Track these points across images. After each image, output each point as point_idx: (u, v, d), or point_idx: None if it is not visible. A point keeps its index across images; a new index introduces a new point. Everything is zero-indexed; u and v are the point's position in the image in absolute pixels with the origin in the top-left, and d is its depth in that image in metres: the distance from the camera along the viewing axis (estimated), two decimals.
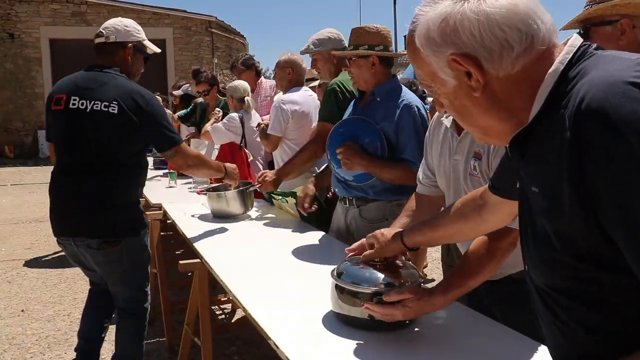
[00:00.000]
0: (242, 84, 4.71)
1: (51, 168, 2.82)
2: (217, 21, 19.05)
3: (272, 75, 4.99)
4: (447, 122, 1.94)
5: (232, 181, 3.11)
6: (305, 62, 3.95)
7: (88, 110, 2.54)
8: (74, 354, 3.53)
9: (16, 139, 16.86)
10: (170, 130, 2.68)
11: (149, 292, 2.94)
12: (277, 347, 1.57)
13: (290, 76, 3.85)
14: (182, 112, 6.41)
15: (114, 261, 2.67)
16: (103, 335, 2.99)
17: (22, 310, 4.30)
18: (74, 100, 2.57)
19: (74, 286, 4.88)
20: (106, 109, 2.51)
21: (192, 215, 3.35)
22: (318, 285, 2.11)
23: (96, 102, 2.53)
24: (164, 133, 2.64)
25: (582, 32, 1.95)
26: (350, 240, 2.81)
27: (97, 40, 2.68)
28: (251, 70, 5.15)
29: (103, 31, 2.67)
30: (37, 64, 17.07)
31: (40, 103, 17.09)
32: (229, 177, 3.07)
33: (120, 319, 2.87)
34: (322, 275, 2.22)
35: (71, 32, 17.22)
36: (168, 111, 6.15)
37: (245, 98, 4.56)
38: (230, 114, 4.58)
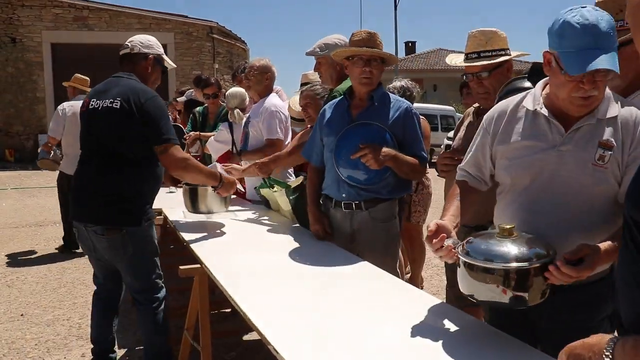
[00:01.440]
0: (239, 92, 4.76)
1: (51, 172, 2.89)
2: (219, 27, 19.11)
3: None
4: (544, 111, 1.80)
5: (224, 192, 3.11)
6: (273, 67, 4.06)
7: (99, 108, 2.80)
8: (73, 358, 3.54)
9: (17, 142, 16.89)
10: (165, 128, 2.78)
11: (163, 284, 3.02)
12: (277, 352, 1.57)
13: (267, 82, 3.99)
14: (188, 126, 6.21)
15: (118, 248, 2.81)
16: (113, 335, 3.15)
17: (22, 315, 4.30)
18: (93, 101, 2.85)
19: (73, 291, 4.88)
20: (111, 105, 2.76)
21: (190, 220, 3.35)
22: (317, 289, 2.11)
23: (105, 100, 2.79)
24: (157, 129, 2.76)
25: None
26: (354, 244, 2.82)
27: (123, 51, 2.96)
28: None
29: (129, 44, 2.96)
30: (38, 68, 17.12)
31: (42, 107, 17.14)
32: (223, 188, 3.07)
33: (138, 313, 3.00)
34: (321, 280, 2.23)
35: (73, 36, 17.30)
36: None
37: (235, 111, 4.61)
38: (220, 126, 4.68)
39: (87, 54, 17.22)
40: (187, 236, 2.99)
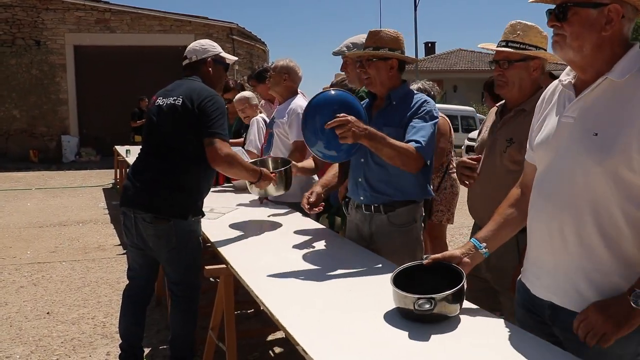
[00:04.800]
0: (240, 98, 5.05)
1: (73, 172, 2.93)
2: (238, 28, 19.19)
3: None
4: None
5: (264, 184, 3.13)
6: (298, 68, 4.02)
7: (164, 106, 2.99)
8: (98, 357, 3.59)
9: (40, 143, 17.15)
10: (217, 124, 2.88)
11: (200, 282, 3.10)
12: (306, 353, 1.57)
13: (286, 82, 3.90)
14: None
15: (163, 237, 2.92)
16: (142, 331, 3.23)
17: (48, 313, 4.36)
18: (159, 99, 3.06)
19: (97, 290, 4.94)
20: (174, 102, 2.95)
21: (214, 220, 3.37)
22: (344, 289, 2.10)
23: (169, 99, 2.98)
24: (209, 122, 2.87)
25: (557, 11, 1.56)
26: (372, 246, 2.79)
27: (185, 63, 3.16)
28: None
29: (187, 55, 3.16)
30: (61, 70, 17.37)
31: (65, 109, 17.39)
32: (262, 181, 3.11)
33: (172, 303, 3.09)
34: (347, 280, 2.22)
35: (95, 38, 17.51)
36: None
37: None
38: (254, 121, 4.70)
39: (109, 55, 17.44)
40: (212, 236, 3.00)
